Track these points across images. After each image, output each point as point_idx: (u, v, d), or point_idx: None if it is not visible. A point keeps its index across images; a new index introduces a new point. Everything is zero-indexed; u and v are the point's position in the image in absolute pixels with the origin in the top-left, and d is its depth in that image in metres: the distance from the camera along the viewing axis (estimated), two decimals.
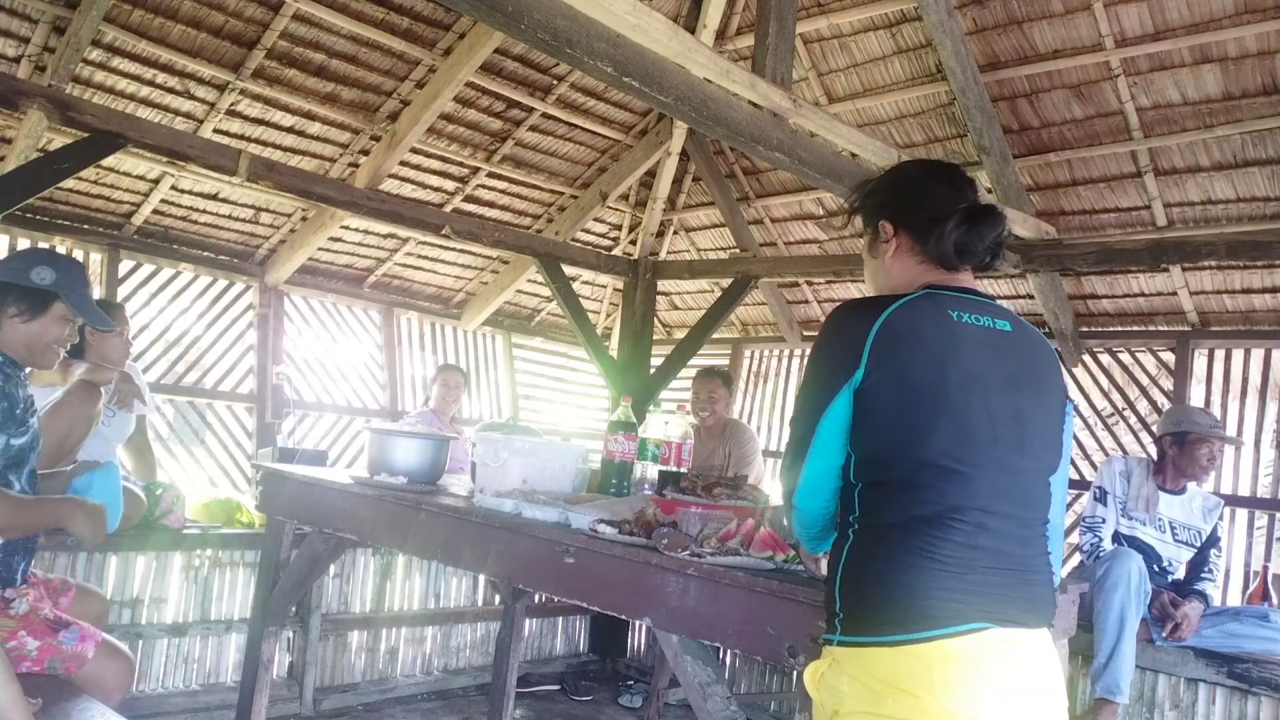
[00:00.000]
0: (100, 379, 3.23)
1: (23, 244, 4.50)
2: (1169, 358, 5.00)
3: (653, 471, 2.76)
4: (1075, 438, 4.93)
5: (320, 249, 5.29)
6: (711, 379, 4.71)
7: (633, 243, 6.29)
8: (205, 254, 5.11)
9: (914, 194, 1.65)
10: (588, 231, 6.23)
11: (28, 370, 2.41)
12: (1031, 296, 5.08)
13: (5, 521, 2.23)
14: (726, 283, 5.69)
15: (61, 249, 4.60)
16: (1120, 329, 5.15)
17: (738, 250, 6.03)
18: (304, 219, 5.11)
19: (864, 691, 1.41)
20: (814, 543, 1.69)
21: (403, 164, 5.03)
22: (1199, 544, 3.74)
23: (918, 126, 4.88)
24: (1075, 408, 4.49)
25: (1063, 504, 1.60)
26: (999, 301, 1.62)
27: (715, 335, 5.83)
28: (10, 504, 2.22)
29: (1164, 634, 3.48)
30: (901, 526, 1.44)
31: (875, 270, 1.71)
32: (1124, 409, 5.16)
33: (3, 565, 2.32)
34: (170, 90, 4.23)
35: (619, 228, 6.36)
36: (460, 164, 5.27)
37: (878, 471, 1.48)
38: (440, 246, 5.68)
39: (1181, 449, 3.67)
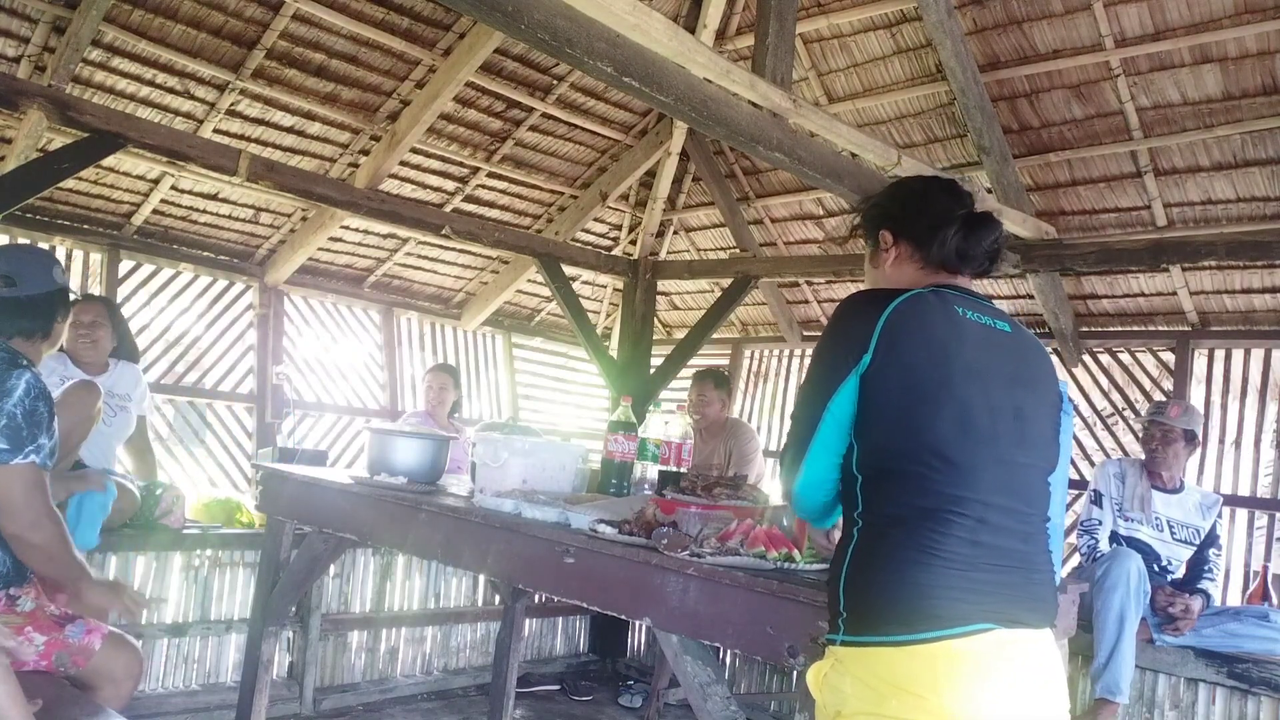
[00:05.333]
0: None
1: (22, 244, 4.50)
2: (1169, 358, 5.00)
3: (653, 471, 2.76)
4: (1075, 438, 4.93)
5: (320, 249, 5.29)
6: (703, 382, 4.70)
7: (633, 243, 6.29)
8: (205, 254, 5.11)
9: (914, 203, 1.71)
10: (588, 231, 6.23)
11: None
12: (1031, 296, 5.07)
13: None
14: (726, 283, 5.69)
15: (61, 249, 4.61)
16: (1120, 329, 5.14)
17: (738, 250, 6.03)
18: (304, 219, 5.11)
19: (867, 692, 1.41)
20: (820, 521, 1.74)
21: (403, 164, 5.03)
22: (1198, 541, 3.74)
23: (918, 126, 4.88)
24: (1075, 407, 4.51)
25: (1062, 503, 1.62)
26: (997, 302, 1.66)
27: (715, 335, 5.83)
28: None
29: (1163, 627, 3.49)
30: (904, 521, 1.46)
31: (876, 280, 1.75)
32: (1124, 409, 5.16)
33: (12, 564, 2.32)
34: (170, 90, 4.23)
35: (619, 228, 6.36)
36: (460, 164, 5.26)
37: (880, 460, 1.50)
38: (440, 246, 5.68)
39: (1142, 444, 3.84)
